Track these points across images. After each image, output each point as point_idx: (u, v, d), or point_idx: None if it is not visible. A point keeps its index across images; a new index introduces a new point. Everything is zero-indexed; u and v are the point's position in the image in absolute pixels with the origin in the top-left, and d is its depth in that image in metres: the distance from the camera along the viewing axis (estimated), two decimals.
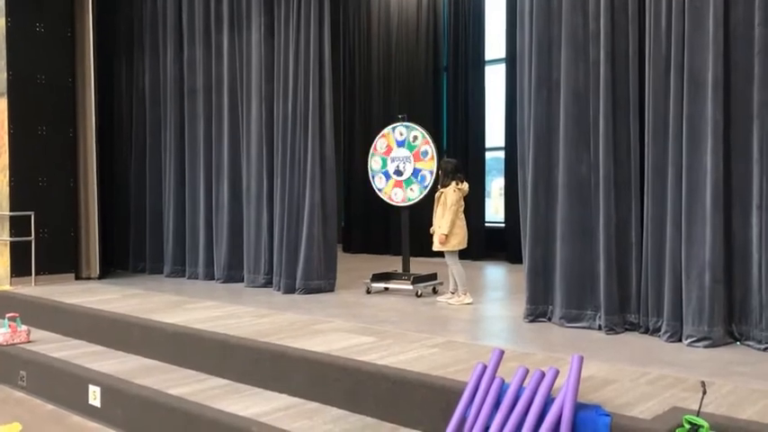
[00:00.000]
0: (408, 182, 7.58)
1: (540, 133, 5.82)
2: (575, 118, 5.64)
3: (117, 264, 10.03)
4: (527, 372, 3.58)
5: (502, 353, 3.76)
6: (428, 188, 7.40)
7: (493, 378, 3.63)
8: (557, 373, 3.48)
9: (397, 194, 7.69)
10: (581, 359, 3.44)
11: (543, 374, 3.49)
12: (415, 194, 7.55)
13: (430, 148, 7.42)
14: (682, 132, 5.04)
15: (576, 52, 5.65)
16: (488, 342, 5.10)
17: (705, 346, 4.86)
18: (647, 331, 5.32)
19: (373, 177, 7.89)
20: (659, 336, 5.18)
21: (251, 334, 5.36)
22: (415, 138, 7.53)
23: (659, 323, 5.21)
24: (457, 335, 5.39)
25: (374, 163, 7.87)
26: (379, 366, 4.33)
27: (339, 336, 5.30)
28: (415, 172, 7.52)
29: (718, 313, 4.90)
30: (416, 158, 7.52)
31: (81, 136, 9.03)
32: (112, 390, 5.02)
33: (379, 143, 7.83)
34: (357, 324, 5.77)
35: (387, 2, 12.16)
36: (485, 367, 3.69)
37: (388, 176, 7.74)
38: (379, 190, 7.84)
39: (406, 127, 7.60)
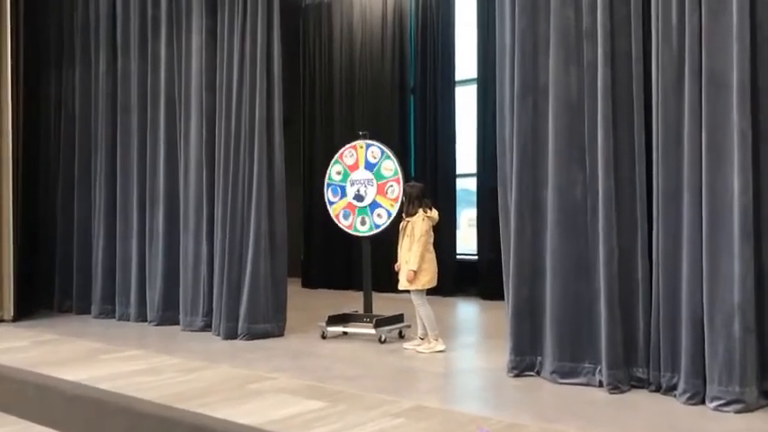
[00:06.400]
0: (362, 211, 6.60)
1: (524, 149, 4.89)
2: (566, 131, 4.73)
3: (41, 303, 8.78)
4: None
5: None
6: (378, 230, 6.54)
7: None
8: None
9: (346, 217, 6.71)
10: None
11: None
12: (364, 229, 6.63)
13: (398, 187, 6.44)
14: (700, 147, 4.14)
15: (567, 53, 4.76)
16: (467, 406, 4.11)
17: (736, 411, 3.91)
18: (658, 389, 4.36)
19: (328, 186, 6.90)
20: (675, 396, 4.21)
21: (168, 397, 4.25)
22: (388, 169, 6.53)
23: (675, 380, 4.25)
24: (428, 396, 4.36)
25: (335, 172, 6.86)
26: None
27: (280, 399, 4.23)
28: (373, 205, 6.55)
29: (752, 369, 3.95)
30: (380, 191, 6.53)
31: None
32: None
33: (347, 154, 6.81)
34: (304, 381, 4.70)
35: (349, 18, 11.26)
36: None
37: (343, 194, 6.74)
38: (330, 203, 6.87)
39: (382, 152, 6.59)
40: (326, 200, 6.95)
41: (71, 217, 8.56)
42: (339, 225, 6.85)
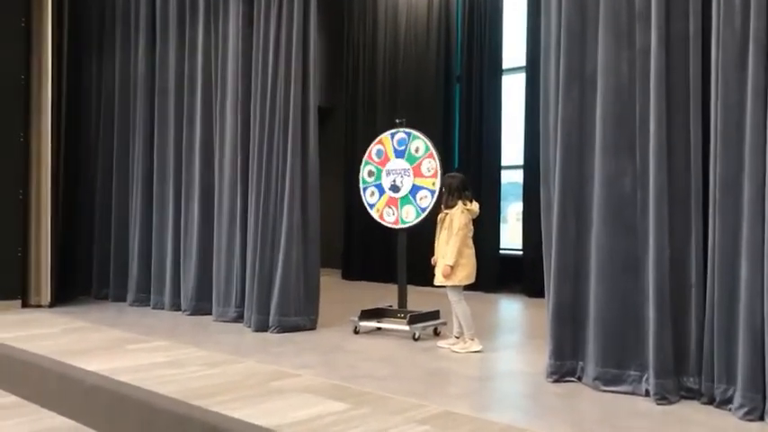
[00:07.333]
0: (405, 200, 6.32)
1: (569, 139, 4.55)
2: (615, 119, 4.36)
3: (80, 289, 8.78)
4: None
5: None
6: (426, 212, 6.18)
7: None
8: None
9: (389, 214, 6.42)
10: None
11: None
12: (410, 218, 6.30)
13: (434, 162, 6.17)
14: (765, 133, 3.74)
15: (617, 37, 4.38)
16: (500, 415, 3.79)
17: None
18: (711, 402, 3.97)
19: (365, 190, 6.65)
20: (730, 410, 3.83)
21: (187, 392, 4.08)
22: (417, 149, 6.29)
23: (730, 393, 3.86)
24: (458, 401, 4.06)
25: (367, 173, 6.63)
26: None
27: (301, 399, 4.00)
28: (414, 190, 6.26)
29: None
30: (417, 173, 6.26)
31: (34, 141, 7.83)
32: None
33: (375, 150, 6.60)
34: (329, 380, 4.47)
35: (395, 3, 10.99)
36: None
37: (381, 191, 6.49)
38: (370, 205, 6.59)
39: (407, 134, 6.38)
40: (365, 202, 6.64)
41: (109, 204, 8.54)
42: (384, 224, 6.52)
